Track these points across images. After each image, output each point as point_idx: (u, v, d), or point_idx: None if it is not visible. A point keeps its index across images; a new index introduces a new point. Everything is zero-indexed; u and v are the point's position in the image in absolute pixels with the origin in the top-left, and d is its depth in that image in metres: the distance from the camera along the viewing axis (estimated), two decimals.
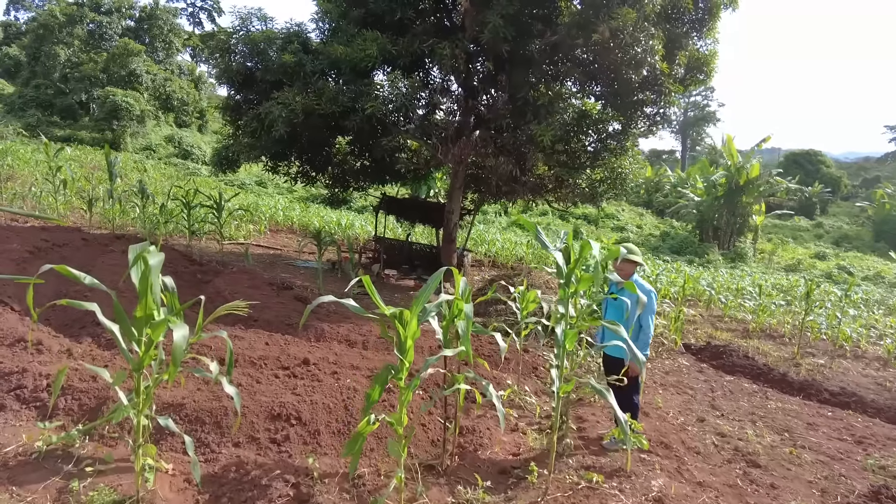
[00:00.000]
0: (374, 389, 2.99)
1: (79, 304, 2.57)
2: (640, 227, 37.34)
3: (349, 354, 6.08)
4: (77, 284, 8.02)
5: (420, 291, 3.09)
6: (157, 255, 2.54)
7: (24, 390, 3.77)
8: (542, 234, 3.38)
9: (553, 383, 3.49)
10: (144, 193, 12.43)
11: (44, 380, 3.87)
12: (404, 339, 3.01)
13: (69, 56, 35.53)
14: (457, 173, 12.24)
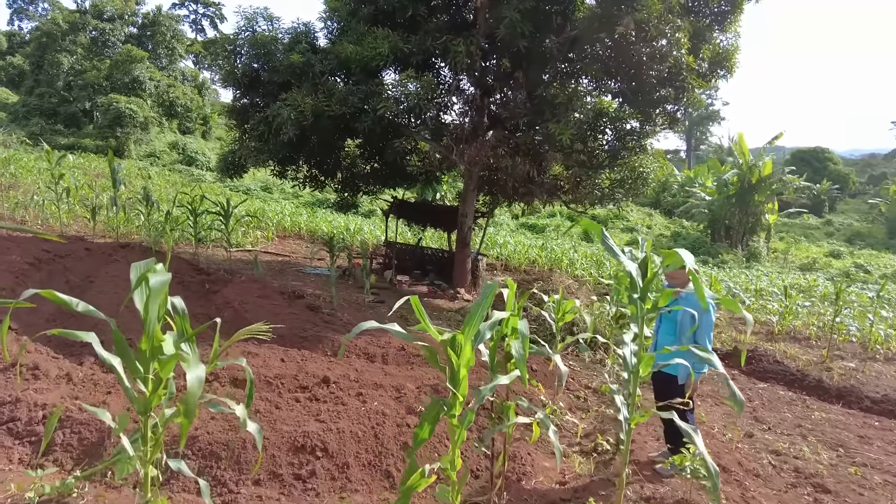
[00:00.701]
0: (423, 427, 2.56)
1: (71, 335, 2.15)
2: (650, 227, 36.84)
3: (370, 370, 5.65)
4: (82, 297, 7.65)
5: (472, 310, 2.65)
6: (163, 275, 2.13)
7: (18, 423, 3.36)
8: (609, 239, 2.95)
9: (619, 411, 3.04)
10: (149, 200, 12.06)
11: (39, 410, 3.46)
12: (457, 367, 2.57)
13: (72, 64, 35.33)
14: (470, 175, 11.82)
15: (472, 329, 2.54)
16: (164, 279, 2.09)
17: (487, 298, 2.62)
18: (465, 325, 2.57)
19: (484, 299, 2.63)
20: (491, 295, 2.63)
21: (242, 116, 11.91)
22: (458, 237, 12.50)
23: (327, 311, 8.80)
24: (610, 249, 2.92)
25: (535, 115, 10.45)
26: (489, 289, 2.67)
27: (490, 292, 2.65)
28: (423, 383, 5.39)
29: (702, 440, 3.97)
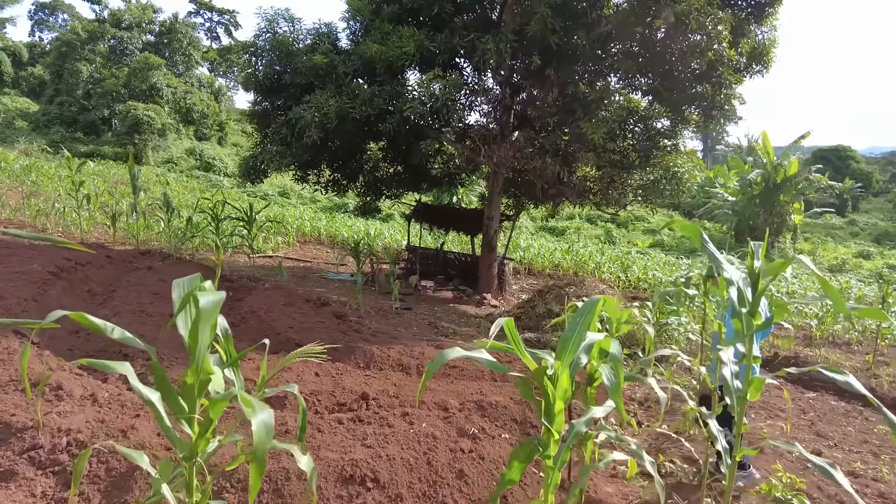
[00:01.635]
0: (513, 468, 2.20)
1: (103, 366, 1.82)
2: (671, 228, 36.17)
3: (409, 385, 5.30)
4: (104, 308, 7.39)
5: (567, 331, 2.27)
6: (214, 295, 1.79)
7: (40, 451, 3.06)
8: (710, 244, 2.57)
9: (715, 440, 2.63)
10: (169, 207, 11.85)
11: (63, 437, 3.15)
12: (553, 400, 2.20)
13: (91, 72, 35.59)
14: (496, 177, 11.46)
15: (569, 354, 2.17)
16: (216, 299, 1.76)
17: (586, 317, 2.24)
18: (561, 349, 2.20)
19: (582, 318, 2.25)
20: (592, 313, 2.25)
21: (264, 120, 11.67)
22: (484, 241, 12.14)
23: (355, 319, 8.48)
24: (713, 256, 2.54)
25: (565, 113, 10.08)
26: (590, 306, 2.28)
27: (591, 310, 2.26)
28: (466, 399, 5.03)
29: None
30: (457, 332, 9.09)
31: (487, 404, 4.96)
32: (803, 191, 29.93)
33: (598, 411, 2.26)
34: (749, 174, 30.68)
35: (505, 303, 12.24)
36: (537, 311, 9.58)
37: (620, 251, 21.21)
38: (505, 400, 5.18)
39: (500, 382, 6.29)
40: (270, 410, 1.61)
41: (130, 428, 3.30)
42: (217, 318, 1.72)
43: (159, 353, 5.32)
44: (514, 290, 13.89)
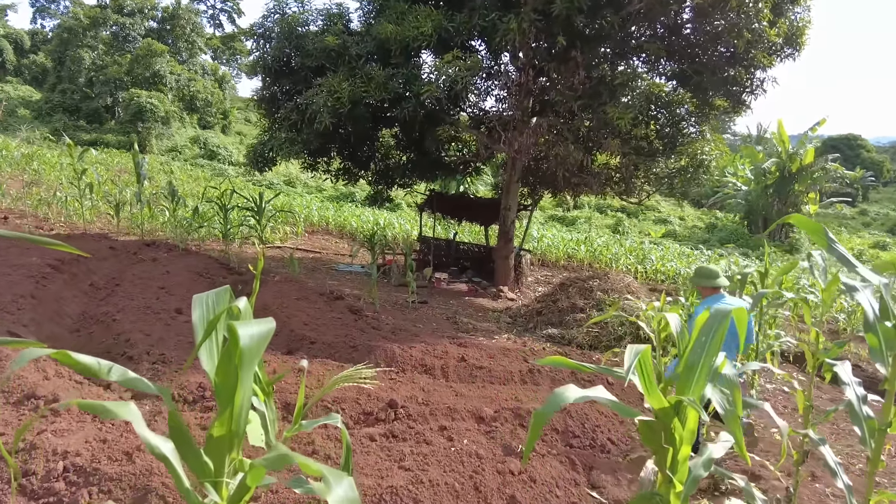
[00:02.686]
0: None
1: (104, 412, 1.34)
2: (683, 219, 35.63)
3: (437, 389, 4.88)
4: (106, 304, 6.97)
5: (692, 352, 1.79)
6: (259, 325, 1.31)
7: (33, 479, 2.64)
8: (837, 243, 2.12)
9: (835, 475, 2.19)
10: (174, 196, 11.41)
11: (59, 460, 2.74)
12: (679, 443, 1.73)
13: (93, 59, 35.05)
14: (514, 165, 10.97)
15: (697, 386, 1.69)
16: (262, 332, 1.28)
17: (715, 337, 1.75)
18: (685, 379, 1.72)
19: (710, 338, 1.75)
20: (721, 330, 1.76)
21: (272, 106, 11.20)
22: (500, 232, 11.67)
23: (371, 314, 8.06)
24: (842, 258, 2.09)
25: (590, 97, 9.57)
26: (718, 322, 1.78)
27: (720, 327, 1.77)
28: (502, 406, 4.61)
29: None
30: (476, 328, 8.66)
31: (525, 412, 4.54)
32: (819, 180, 29.29)
33: (717, 449, 1.80)
34: (763, 163, 30.03)
35: (522, 296, 11.80)
36: (560, 306, 9.14)
37: (634, 241, 20.70)
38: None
39: (531, 385, 5.86)
40: (350, 480, 1.16)
41: (136, 450, 2.88)
42: (262, 353, 1.27)
43: (166, 355, 4.91)
44: (529, 283, 13.45)
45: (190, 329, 5.30)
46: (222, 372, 1.30)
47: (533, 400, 4.90)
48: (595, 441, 4.48)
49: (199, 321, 1.42)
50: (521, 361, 6.45)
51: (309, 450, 3.19)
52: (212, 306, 1.46)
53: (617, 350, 7.65)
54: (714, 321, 1.75)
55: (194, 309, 1.46)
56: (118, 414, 1.23)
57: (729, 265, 15.35)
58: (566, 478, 3.45)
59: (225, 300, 1.47)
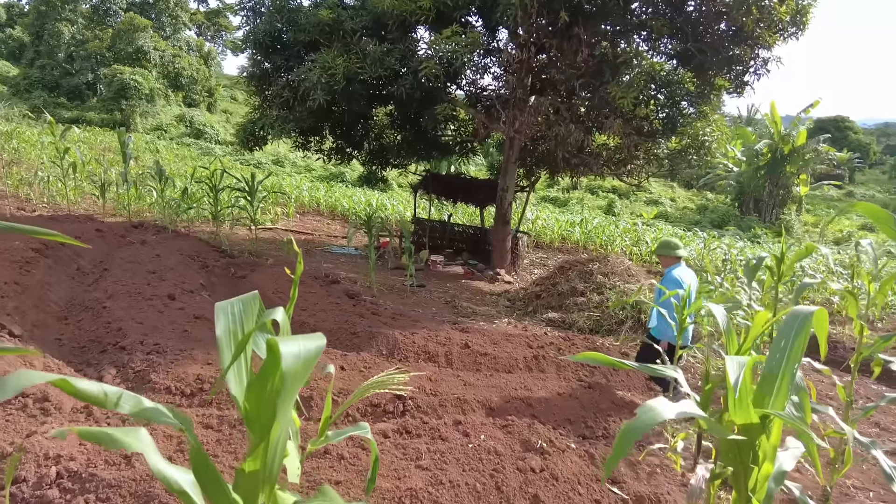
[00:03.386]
0: None
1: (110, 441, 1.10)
2: (674, 200, 35.65)
3: (445, 379, 4.71)
4: (96, 290, 6.70)
5: (771, 357, 1.58)
6: (309, 341, 1.07)
7: (24, 486, 2.43)
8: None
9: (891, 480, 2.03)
10: (162, 176, 11.05)
11: (52, 465, 2.53)
12: (761, 461, 1.53)
13: (73, 34, 33.99)
14: (512, 145, 10.72)
15: (780, 396, 1.50)
16: (312, 350, 1.05)
17: (797, 341, 1.55)
18: (764, 387, 1.51)
19: (792, 343, 1.56)
20: (804, 334, 1.56)
21: (263, 82, 10.83)
22: (497, 213, 11.46)
23: (369, 298, 7.86)
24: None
25: (592, 76, 9.33)
26: (799, 324, 1.58)
27: (803, 330, 1.57)
28: (511, 396, 4.46)
29: None
30: (476, 313, 8.50)
31: (536, 402, 4.39)
32: (810, 162, 29.32)
33: (787, 460, 1.62)
34: (756, 144, 29.98)
35: (519, 279, 11.64)
36: (559, 289, 8.98)
37: (627, 223, 20.61)
38: (553, 396, 4.61)
39: (538, 372, 5.72)
40: None
41: (136, 452, 2.67)
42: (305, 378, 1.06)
43: (161, 345, 4.68)
44: (525, 265, 13.29)
45: (184, 317, 5.05)
46: (255, 398, 1.08)
47: (542, 389, 4.75)
48: (608, 432, 4.34)
49: (224, 335, 1.20)
50: (525, 347, 6.30)
51: (321, 449, 3.00)
52: (238, 316, 1.24)
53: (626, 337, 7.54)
54: (793, 324, 1.56)
55: (218, 320, 1.24)
56: (127, 444, 1.02)
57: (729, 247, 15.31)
58: (587, 473, 3.30)
59: (254, 309, 1.26)
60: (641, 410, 1.35)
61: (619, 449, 1.32)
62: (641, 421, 1.33)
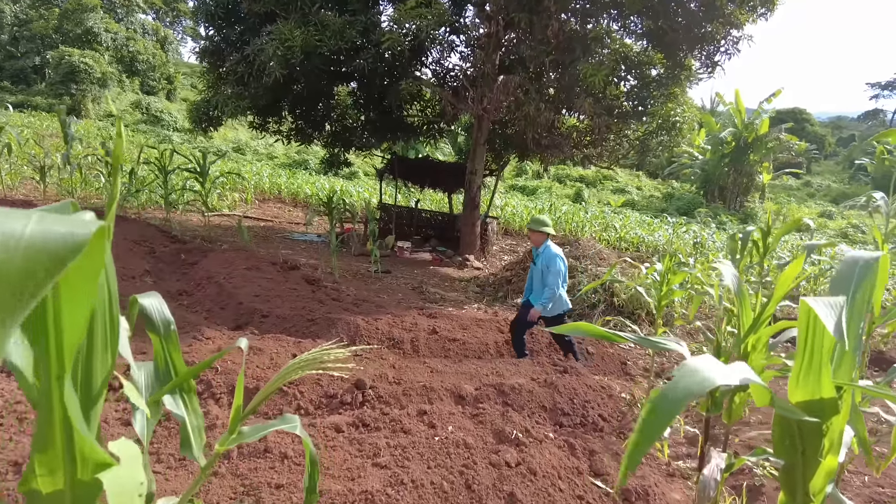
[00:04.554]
0: None
1: None
2: (640, 188, 35.87)
3: (410, 366, 4.32)
4: None
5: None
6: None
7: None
8: None
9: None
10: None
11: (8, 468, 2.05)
12: (824, 452, 1.15)
13: (16, 13, 32.13)
14: (480, 126, 10.35)
15: (846, 364, 1.12)
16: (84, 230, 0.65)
17: (864, 288, 1.17)
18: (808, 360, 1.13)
19: (855, 289, 1.17)
20: (866, 284, 1.18)
21: (217, 58, 10.17)
22: (466, 198, 11.09)
23: (330, 284, 7.40)
24: None
25: (563, 53, 9.00)
26: (857, 270, 1.19)
27: (865, 277, 1.18)
28: (483, 382, 4.09)
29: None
30: (445, 298, 8.13)
31: (509, 389, 4.03)
32: (772, 150, 29.77)
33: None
34: (720, 133, 30.28)
35: (489, 265, 11.32)
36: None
37: (596, 210, 20.50)
38: (527, 382, 4.25)
39: (509, 358, 5.37)
40: None
41: None
42: None
43: None
44: (494, 252, 12.98)
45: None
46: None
47: (515, 374, 4.40)
48: (586, 418, 4.02)
49: None
50: (495, 332, 5.96)
51: (260, 447, 2.57)
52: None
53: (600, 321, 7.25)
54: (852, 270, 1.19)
55: None
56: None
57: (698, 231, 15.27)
58: (567, 466, 2.96)
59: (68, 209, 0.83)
60: (681, 373, 0.96)
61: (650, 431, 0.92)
62: (683, 389, 0.93)
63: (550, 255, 5.18)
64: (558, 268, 5.13)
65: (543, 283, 5.17)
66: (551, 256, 5.16)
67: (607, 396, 4.45)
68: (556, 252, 5.22)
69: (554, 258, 5.15)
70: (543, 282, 5.17)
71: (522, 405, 3.88)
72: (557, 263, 5.14)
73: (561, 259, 5.19)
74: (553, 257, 5.16)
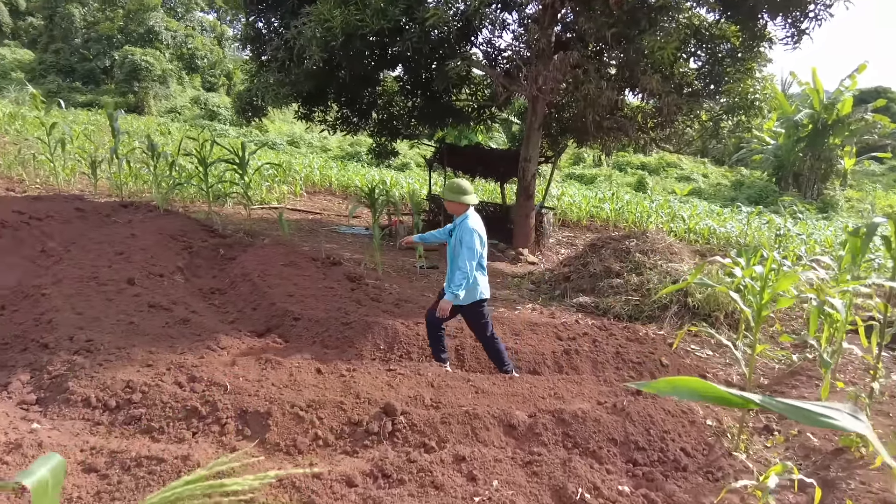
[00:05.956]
0: None
1: None
2: (706, 175, 33.89)
3: (451, 384, 3.69)
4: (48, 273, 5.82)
5: None
6: None
7: None
8: None
9: None
10: (153, 151, 10.15)
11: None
12: None
13: (84, 16, 33.35)
14: (535, 108, 9.56)
15: None
16: None
17: None
18: None
19: None
20: None
21: (258, 45, 9.81)
22: (520, 187, 10.33)
23: (372, 282, 6.87)
24: None
25: (626, 25, 8.11)
26: None
27: None
28: (538, 408, 3.41)
29: None
30: (495, 297, 7.44)
31: (571, 417, 3.33)
32: (857, 132, 27.32)
33: None
34: (795, 115, 28.04)
35: (544, 259, 10.54)
36: (592, 270, 7.87)
37: (661, 199, 19.24)
38: (591, 407, 3.53)
39: (570, 371, 4.66)
40: None
41: None
42: None
43: (95, 341, 3.73)
44: (550, 244, 12.17)
45: (136, 306, 4.05)
46: None
47: (578, 396, 3.70)
48: (666, 454, 3.29)
49: None
50: (552, 339, 5.25)
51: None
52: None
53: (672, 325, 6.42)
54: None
55: None
56: None
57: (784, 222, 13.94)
58: None
59: None
60: None
61: None
62: None
63: (466, 228, 4.19)
64: (472, 244, 4.14)
65: (455, 264, 4.21)
66: (467, 230, 4.17)
67: (689, 423, 3.69)
68: (474, 226, 4.22)
69: (470, 232, 4.17)
70: (455, 263, 4.22)
71: (587, 438, 3.18)
72: (472, 238, 4.15)
73: (478, 234, 4.20)
74: (469, 231, 4.17)
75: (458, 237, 4.22)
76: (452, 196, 4.27)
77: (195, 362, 3.51)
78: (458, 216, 4.33)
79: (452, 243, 4.32)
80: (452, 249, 4.31)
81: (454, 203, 4.29)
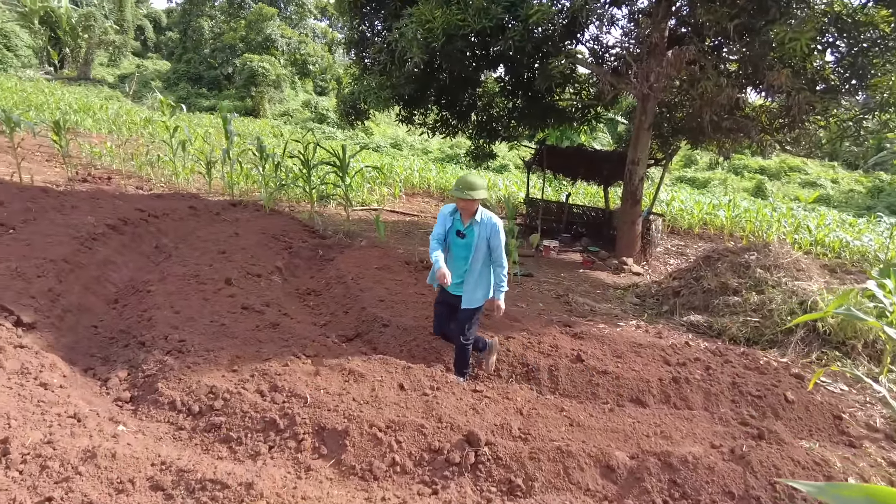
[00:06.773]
0: None
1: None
2: (836, 181, 30.63)
3: (543, 412, 3.36)
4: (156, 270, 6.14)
5: None
6: None
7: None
8: None
9: None
10: (262, 152, 10.60)
11: None
12: None
13: (212, 27, 36.12)
14: (645, 107, 8.93)
15: None
16: None
17: None
18: None
19: None
20: None
21: (362, 48, 9.93)
22: (626, 191, 9.71)
23: None
24: None
25: (751, 15, 7.32)
26: None
27: None
28: (641, 448, 3.01)
29: None
30: (595, 311, 6.96)
31: (680, 463, 2.90)
32: None
33: None
34: None
35: (651, 270, 9.84)
36: (705, 285, 7.16)
37: (783, 207, 17.54)
38: (704, 452, 3.06)
39: (679, 402, 4.15)
40: None
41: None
42: None
43: (187, 342, 3.79)
44: (658, 254, 11.36)
45: (230, 306, 4.08)
46: None
47: (688, 436, 3.24)
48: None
49: None
50: (659, 363, 4.75)
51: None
52: None
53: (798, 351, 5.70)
54: None
55: None
56: None
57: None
58: None
59: None
60: None
61: None
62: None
63: (494, 227, 4.05)
64: (504, 240, 4.12)
65: (493, 261, 4.10)
66: (495, 229, 4.05)
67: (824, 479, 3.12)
68: (499, 222, 4.11)
69: (499, 228, 4.07)
70: (493, 260, 4.10)
71: (698, 489, 2.75)
72: (503, 233, 4.11)
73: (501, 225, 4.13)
74: (497, 227, 4.06)
75: (484, 236, 4.04)
76: (465, 193, 3.94)
77: (279, 370, 3.45)
78: (467, 214, 4.08)
79: (474, 242, 4.05)
80: (473, 248, 4.05)
81: (465, 200, 3.98)
